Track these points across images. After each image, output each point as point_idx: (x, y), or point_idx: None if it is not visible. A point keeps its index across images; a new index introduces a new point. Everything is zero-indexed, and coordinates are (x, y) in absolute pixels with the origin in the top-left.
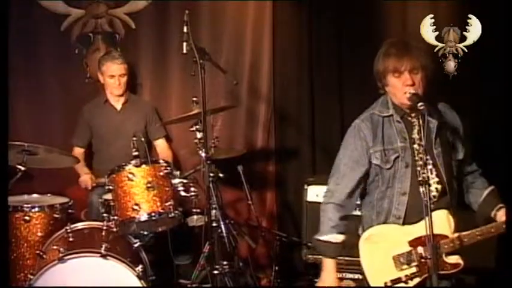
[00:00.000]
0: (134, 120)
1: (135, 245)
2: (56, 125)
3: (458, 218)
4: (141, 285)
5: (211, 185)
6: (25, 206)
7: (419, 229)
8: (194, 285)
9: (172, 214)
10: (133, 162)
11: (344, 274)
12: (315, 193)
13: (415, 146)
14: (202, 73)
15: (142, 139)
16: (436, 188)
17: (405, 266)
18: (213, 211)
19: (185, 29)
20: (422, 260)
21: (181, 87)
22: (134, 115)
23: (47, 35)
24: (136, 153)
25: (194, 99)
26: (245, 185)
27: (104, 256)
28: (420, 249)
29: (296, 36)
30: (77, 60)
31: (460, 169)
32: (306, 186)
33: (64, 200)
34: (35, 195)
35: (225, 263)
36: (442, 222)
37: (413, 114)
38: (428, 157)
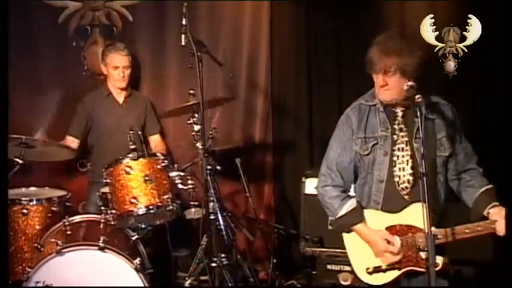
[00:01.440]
0: (135, 114)
1: (133, 238)
2: (53, 118)
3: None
4: (139, 278)
5: (208, 178)
6: (23, 199)
7: (398, 218)
8: (192, 278)
9: (170, 207)
10: (130, 155)
11: (342, 266)
12: (312, 186)
13: (394, 136)
14: (199, 66)
15: (139, 133)
16: (408, 180)
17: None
18: (211, 204)
19: (183, 21)
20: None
21: (179, 80)
22: (135, 109)
23: (45, 28)
24: (133, 146)
25: (191, 91)
26: (243, 177)
27: (101, 249)
28: (397, 239)
29: (294, 29)
30: (74, 53)
31: (447, 165)
32: (303, 179)
33: (62, 193)
34: (32, 188)
35: (223, 255)
36: (418, 215)
37: (397, 106)
38: (408, 148)
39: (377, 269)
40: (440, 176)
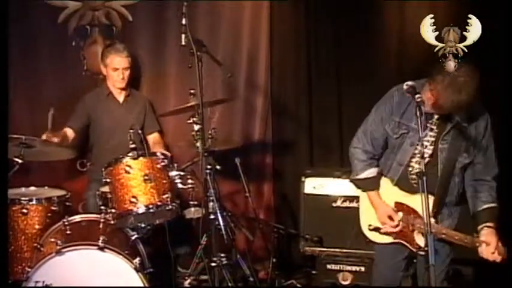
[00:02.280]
0: (135, 113)
1: (133, 238)
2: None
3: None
4: (139, 278)
5: (208, 177)
6: (23, 198)
7: (408, 199)
8: (192, 277)
9: (170, 206)
10: (130, 154)
11: (342, 266)
12: (312, 185)
13: (424, 133)
14: (199, 65)
15: (140, 131)
16: (417, 173)
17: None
18: (211, 203)
19: (183, 21)
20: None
21: (179, 80)
22: (135, 108)
23: (45, 28)
24: (133, 145)
25: (191, 91)
26: (243, 177)
27: (101, 249)
28: (400, 215)
29: (294, 28)
30: (74, 52)
31: (464, 172)
32: (303, 179)
33: (61, 192)
34: (32, 188)
35: (222, 255)
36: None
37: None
38: (431, 147)
39: (377, 228)
40: (456, 177)
